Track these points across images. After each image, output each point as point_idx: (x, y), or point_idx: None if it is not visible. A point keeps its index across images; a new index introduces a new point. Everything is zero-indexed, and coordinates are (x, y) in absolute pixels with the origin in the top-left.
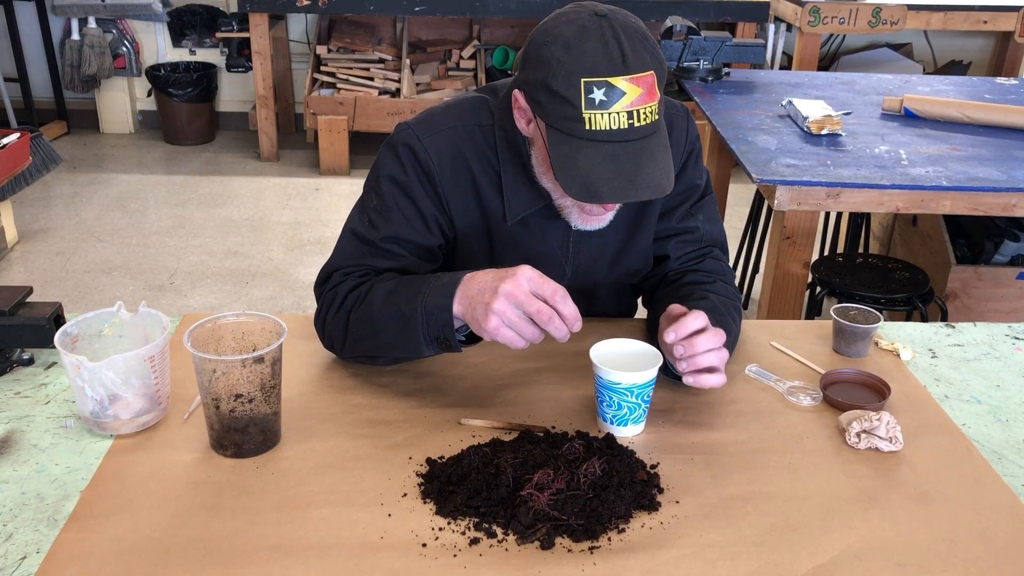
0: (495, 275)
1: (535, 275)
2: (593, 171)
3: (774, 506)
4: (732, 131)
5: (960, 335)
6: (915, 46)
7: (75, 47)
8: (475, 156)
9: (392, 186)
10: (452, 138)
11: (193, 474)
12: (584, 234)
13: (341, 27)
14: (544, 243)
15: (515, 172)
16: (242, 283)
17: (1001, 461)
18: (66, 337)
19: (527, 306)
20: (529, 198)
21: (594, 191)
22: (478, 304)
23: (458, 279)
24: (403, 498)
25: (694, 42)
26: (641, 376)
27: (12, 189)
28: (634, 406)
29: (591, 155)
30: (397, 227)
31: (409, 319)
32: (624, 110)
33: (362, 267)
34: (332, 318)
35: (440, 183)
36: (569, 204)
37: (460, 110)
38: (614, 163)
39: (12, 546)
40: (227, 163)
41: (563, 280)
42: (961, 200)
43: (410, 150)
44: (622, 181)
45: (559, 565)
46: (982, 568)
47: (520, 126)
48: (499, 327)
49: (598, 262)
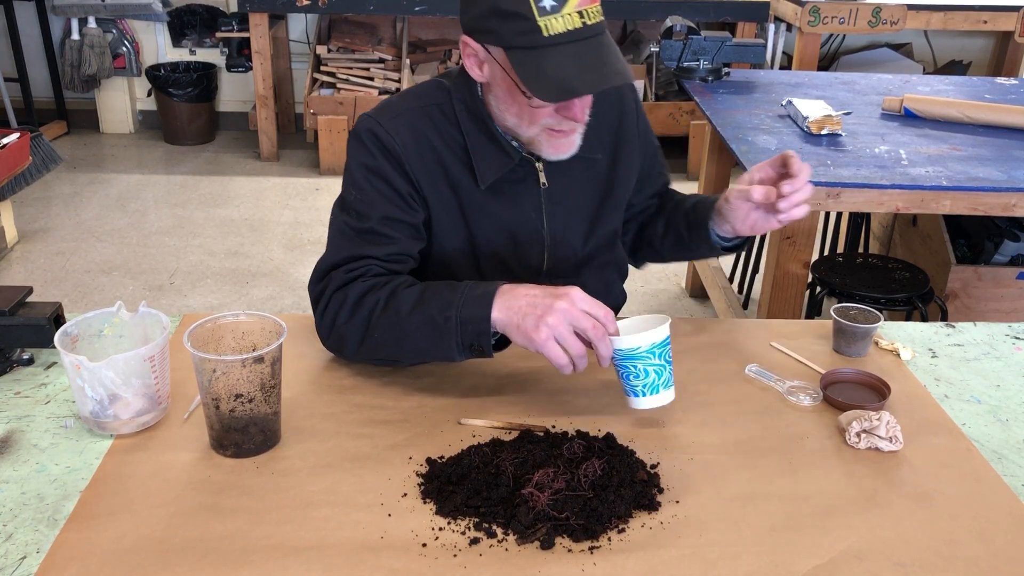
0: (545, 291)
1: (586, 296)
2: (562, 71)
3: (774, 506)
4: (732, 131)
5: (960, 335)
6: (915, 46)
7: (75, 47)
8: (436, 134)
9: (365, 172)
10: (411, 119)
11: (193, 474)
12: (554, 193)
13: (341, 27)
14: (519, 210)
15: (480, 138)
16: (242, 283)
17: (1001, 461)
18: (66, 337)
19: (581, 322)
20: (498, 159)
21: (569, 88)
22: (528, 315)
23: (493, 290)
24: (403, 498)
25: (694, 42)
26: (657, 334)
27: (12, 189)
28: (660, 368)
29: (556, 57)
30: (382, 208)
31: (442, 327)
32: (575, 11)
33: (361, 262)
34: (346, 323)
35: (407, 162)
36: (537, 132)
37: (416, 93)
38: (579, 59)
39: (12, 546)
40: (227, 163)
41: (543, 247)
42: (961, 200)
43: (373, 135)
44: (591, 73)
45: (559, 565)
46: (982, 568)
47: (474, 74)
48: (548, 339)
49: (575, 225)
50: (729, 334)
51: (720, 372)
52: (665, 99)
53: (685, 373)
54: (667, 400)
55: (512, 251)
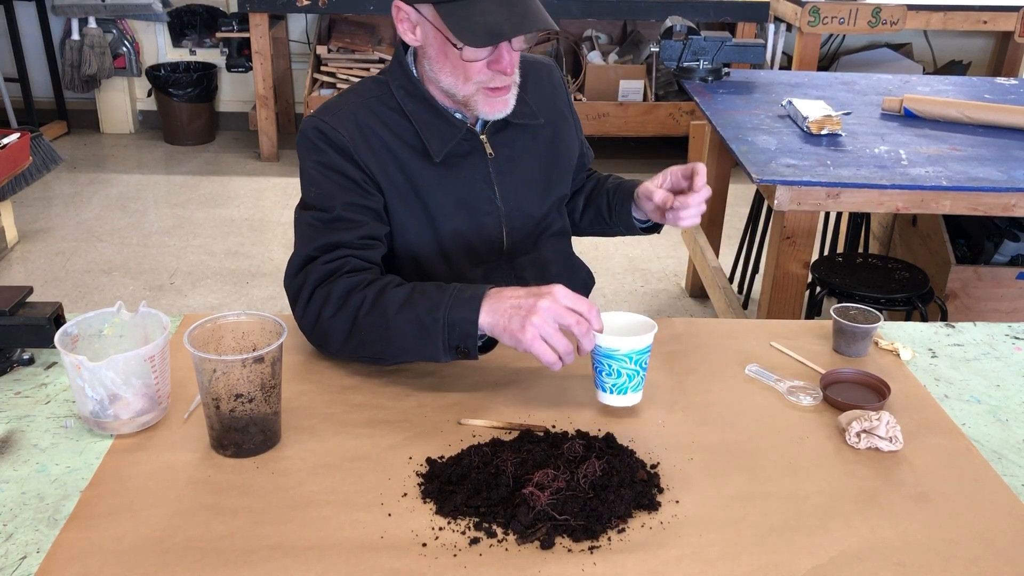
0: (528, 291)
1: (569, 292)
2: (489, 17)
3: (774, 506)
4: (732, 131)
5: (960, 335)
6: (915, 46)
7: (75, 47)
8: (380, 123)
9: (318, 167)
10: (352, 114)
11: (193, 474)
12: (501, 161)
13: (341, 27)
14: (470, 181)
15: (425, 115)
16: (242, 283)
17: (1001, 461)
18: (66, 337)
19: (565, 318)
20: (446, 131)
21: (497, 32)
22: (514, 317)
23: (481, 293)
24: (403, 498)
25: (694, 42)
26: (639, 341)
27: (12, 189)
28: (633, 373)
29: (483, 6)
30: (342, 197)
31: (430, 328)
32: None
33: (336, 251)
34: (331, 319)
35: (355, 152)
36: (473, 90)
37: (355, 91)
38: (506, 6)
39: (12, 546)
40: (227, 163)
41: (499, 216)
42: (961, 200)
43: (319, 132)
44: (518, 17)
45: (559, 565)
46: (982, 568)
47: (408, 39)
48: (535, 339)
49: (527, 189)
50: (729, 334)
51: (720, 372)
52: (665, 99)
53: (685, 373)
54: (632, 402)
55: (471, 224)
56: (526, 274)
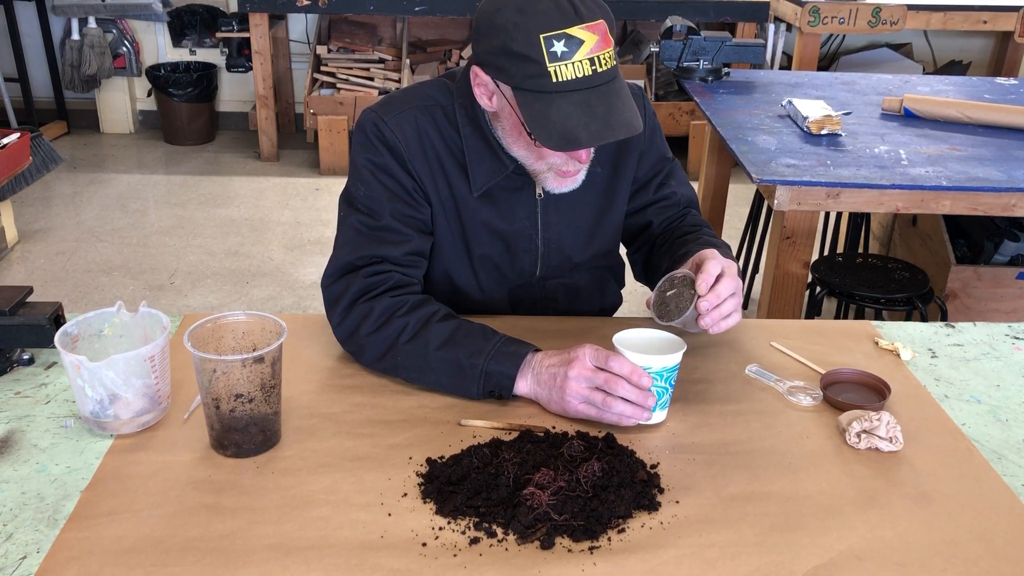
0: (560, 359)
1: (595, 350)
2: (568, 120)
3: (774, 506)
4: (732, 131)
5: (960, 335)
6: (915, 46)
7: (75, 47)
8: (437, 134)
9: (371, 166)
10: (414, 116)
11: (193, 474)
12: (551, 204)
13: (341, 27)
14: (512, 219)
15: (477, 145)
16: (242, 283)
17: (1001, 461)
18: (66, 337)
19: (595, 380)
20: (493, 167)
21: (573, 138)
22: (554, 390)
23: (524, 352)
24: (403, 498)
25: (694, 42)
26: (670, 359)
27: (12, 189)
28: (662, 391)
29: (563, 105)
30: (391, 205)
31: (468, 371)
32: (586, 57)
33: (380, 265)
34: (368, 336)
35: (409, 161)
36: (544, 168)
37: (419, 91)
38: (586, 109)
39: (12, 546)
40: (227, 163)
41: (537, 255)
42: (961, 200)
43: (377, 130)
44: (598, 124)
45: (559, 565)
46: (982, 568)
47: (483, 103)
48: (578, 410)
49: (571, 236)
50: (729, 334)
51: (720, 372)
52: (665, 99)
53: (685, 373)
54: (659, 420)
55: (505, 256)
56: (556, 295)
